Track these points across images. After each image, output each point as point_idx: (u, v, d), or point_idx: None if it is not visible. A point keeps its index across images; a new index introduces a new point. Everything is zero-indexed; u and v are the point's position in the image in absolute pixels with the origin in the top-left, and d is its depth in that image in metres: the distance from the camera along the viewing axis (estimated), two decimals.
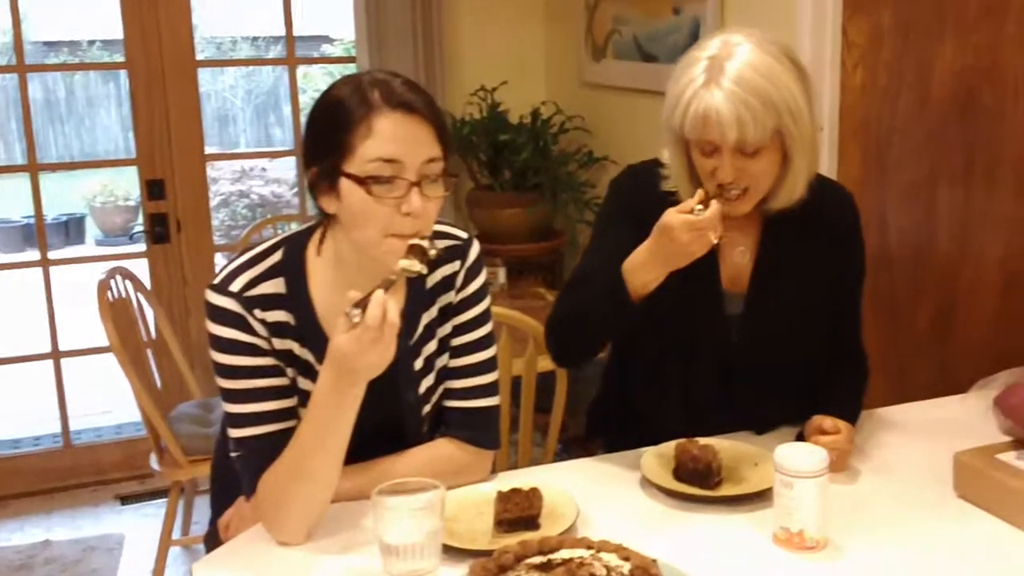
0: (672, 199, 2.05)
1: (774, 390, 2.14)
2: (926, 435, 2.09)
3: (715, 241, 1.85)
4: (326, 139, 1.68)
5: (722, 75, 1.88)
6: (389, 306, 1.56)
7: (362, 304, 1.54)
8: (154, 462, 3.49)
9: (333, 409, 1.64)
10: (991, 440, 1.85)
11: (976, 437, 1.87)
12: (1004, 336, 2.66)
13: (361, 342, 1.55)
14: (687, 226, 1.83)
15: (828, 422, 1.94)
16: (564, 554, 1.49)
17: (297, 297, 1.80)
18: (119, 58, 4.52)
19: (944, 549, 1.66)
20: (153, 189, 4.50)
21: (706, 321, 2.11)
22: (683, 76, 1.95)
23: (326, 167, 1.68)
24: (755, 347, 2.12)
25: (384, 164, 1.64)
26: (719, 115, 1.87)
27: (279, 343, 1.78)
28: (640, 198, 2.14)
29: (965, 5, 2.67)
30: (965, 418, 2.01)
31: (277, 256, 1.81)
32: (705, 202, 1.86)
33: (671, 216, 1.85)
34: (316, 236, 1.82)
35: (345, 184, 1.66)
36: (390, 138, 1.64)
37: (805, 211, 2.08)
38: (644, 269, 1.94)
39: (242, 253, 1.82)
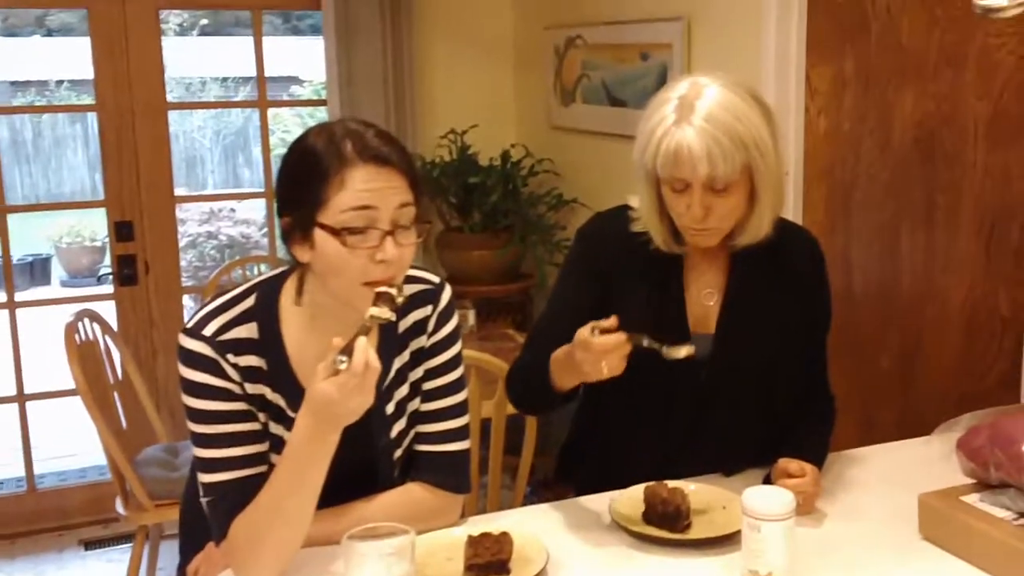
0: (641, 240, 2.10)
1: (743, 432, 2.16)
2: (891, 477, 2.11)
3: (606, 374, 1.85)
4: (299, 190, 1.69)
5: (692, 113, 1.93)
6: (371, 352, 1.58)
7: (347, 351, 1.56)
8: (119, 506, 3.46)
9: (311, 454, 1.64)
10: (955, 482, 1.87)
11: (940, 479, 1.90)
12: (967, 378, 2.70)
13: (346, 388, 1.57)
14: (583, 345, 1.85)
15: (795, 465, 1.96)
16: None
17: (270, 342, 1.80)
18: (87, 98, 4.54)
19: None
20: (121, 230, 4.49)
21: (674, 364, 2.12)
22: (654, 115, 1.99)
23: (300, 217, 1.69)
24: (723, 389, 2.14)
25: (358, 213, 1.65)
26: (691, 151, 1.91)
27: (251, 388, 1.79)
28: (603, 248, 2.19)
29: (925, 54, 2.73)
30: (929, 460, 2.04)
31: (250, 301, 1.81)
32: (609, 330, 1.85)
33: (581, 331, 1.87)
34: (290, 282, 1.83)
35: (319, 235, 1.67)
36: (363, 189, 1.66)
37: (771, 254, 2.12)
38: (562, 370, 1.99)
39: (215, 297, 1.82)
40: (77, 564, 4.23)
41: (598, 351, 1.83)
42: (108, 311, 4.09)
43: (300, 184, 1.70)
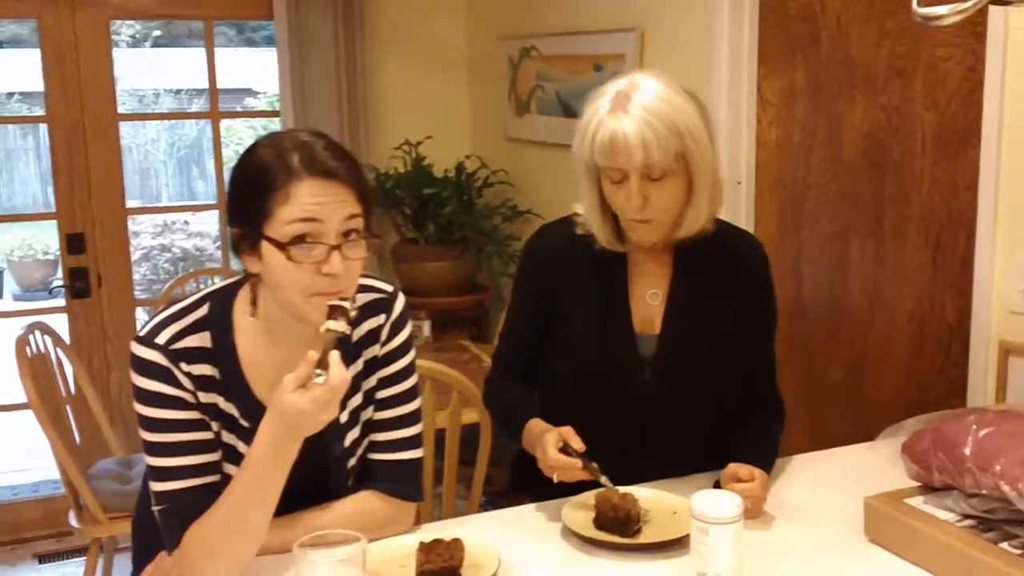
0: (585, 245, 2.16)
1: (691, 429, 2.19)
2: (837, 481, 2.14)
3: (555, 481, 1.97)
4: (247, 202, 1.69)
5: (628, 103, 1.98)
6: (343, 367, 1.61)
7: (322, 364, 1.59)
8: (73, 520, 3.43)
9: (273, 463, 1.65)
10: (900, 485, 1.90)
11: (886, 483, 1.92)
12: (915, 386, 2.74)
13: (319, 402, 1.59)
14: (542, 450, 2.00)
15: (744, 470, 1.98)
16: None
17: (223, 352, 1.80)
18: (39, 110, 4.50)
19: None
20: (73, 243, 4.46)
21: (621, 365, 2.16)
22: (590, 108, 2.05)
23: (248, 229, 1.69)
24: (670, 389, 2.17)
25: (303, 224, 1.65)
26: (625, 137, 1.96)
27: (204, 397, 1.78)
28: (547, 260, 2.24)
29: (874, 66, 2.77)
30: (875, 465, 2.07)
31: (203, 310, 1.81)
32: (568, 451, 1.98)
33: (548, 436, 2.00)
34: (244, 292, 1.83)
35: (266, 247, 1.67)
36: (309, 202, 1.65)
37: (714, 255, 2.17)
38: (527, 442, 2.13)
39: (168, 306, 1.82)
40: None
41: (550, 465, 1.95)
42: (60, 324, 4.05)
43: (248, 196, 1.69)
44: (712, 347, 2.17)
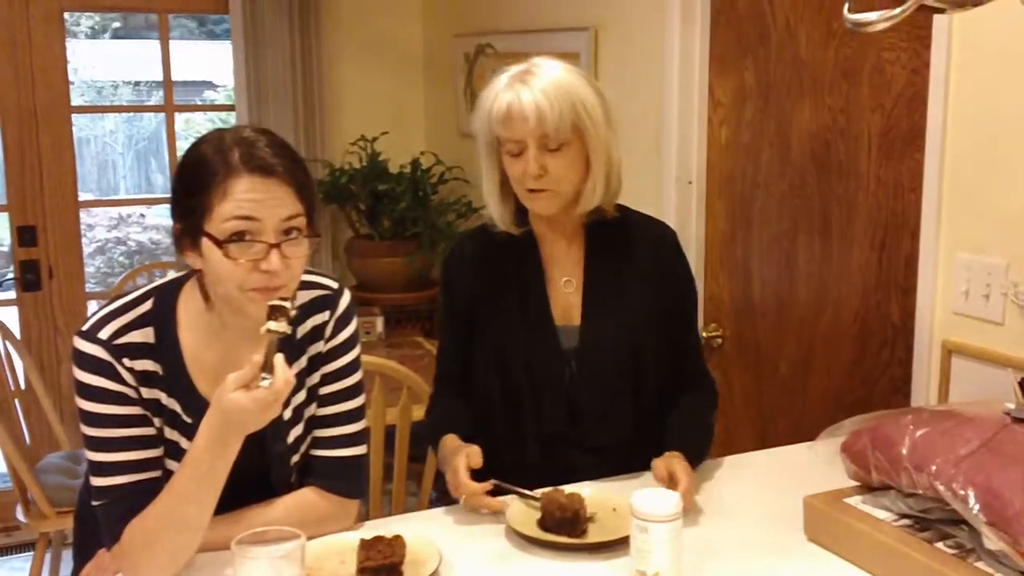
0: (498, 245, 2.23)
1: (618, 418, 2.22)
2: (777, 480, 2.16)
3: (461, 503, 2.00)
4: (187, 198, 1.69)
5: (527, 77, 2.08)
6: (288, 370, 1.62)
7: (267, 368, 1.60)
8: (20, 514, 3.41)
9: (214, 460, 1.65)
10: (839, 485, 1.92)
11: (825, 482, 1.94)
12: (859, 385, 2.76)
13: (263, 403, 1.60)
14: (452, 471, 2.03)
15: (659, 471, 2.01)
16: None
17: (166, 347, 1.79)
18: None
19: None
20: (24, 235, 4.42)
21: (545, 358, 2.18)
22: (489, 86, 2.15)
23: (188, 226, 1.69)
24: (594, 379, 2.19)
25: (240, 222, 1.65)
26: (521, 105, 2.05)
27: (147, 392, 1.78)
28: (462, 268, 2.30)
29: (822, 67, 2.79)
30: (814, 464, 2.08)
31: (147, 305, 1.80)
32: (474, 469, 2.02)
33: (458, 459, 2.02)
34: (189, 288, 1.82)
35: (205, 243, 1.67)
36: (246, 200, 1.65)
37: (625, 240, 2.24)
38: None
39: (112, 301, 1.81)
40: None
41: (453, 485, 1.99)
42: (11, 317, 4.02)
43: (188, 191, 1.69)
44: (633, 334, 2.20)
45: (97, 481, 1.75)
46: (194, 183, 1.68)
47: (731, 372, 3.18)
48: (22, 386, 3.67)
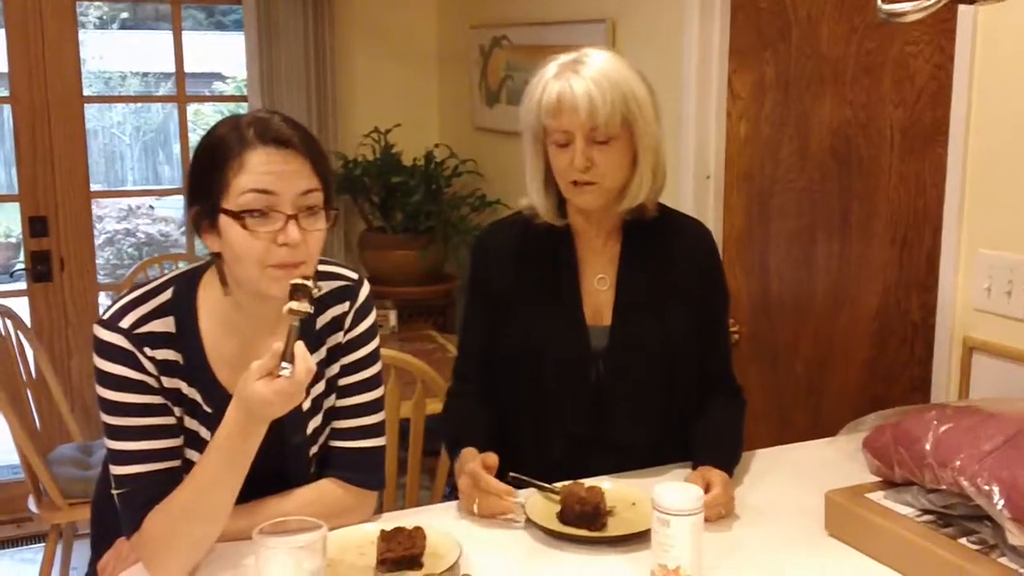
0: (531, 237, 2.19)
1: (644, 420, 2.20)
2: (798, 476, 2.14)
3: (474, 511, 1.94)
4: (205, 178, 1.68)
5: (577, 66, 2.05)
6: (309, 358, 1.60)
7: (287, 357, 1.57)
8: (32, 505, 3.40)
9: (236, 450, 1.64)
10: (860, 481, 1.91)
11: (846, 478, 1.93)
12: (879, 383, 2.75)
13: (284, 394, 1.59)
14: (469, 475, 1.97)
15: (699, 482, 1.92)
16: None
17: (186, 337, 1.78)
18: (3, 92, 4.45)
19: None
20: (36, 226, 4.42)
21: (574, 359, 2.16)
22: (537, 75, 2.11)
23: (206, 206, 1.68)
24: (621, 381, 2.17)
25: (257, 196, 1.64)
26: (573, 95, 2.01)
27: (168, 381, 1.77)
28: (493, 259, 2.25)
29: (843, 62, 2.77)
30: (835, 460, 2.08)
31: (167, 295, 1.79)
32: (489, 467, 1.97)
33: (473, 465, 1.97)
34: (208, 277, 1.81)
35: (224, 221, 1.66)
36: (262, 171, 1.65)
37: (660, 240, 2.20)
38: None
39: (132, 290, 1.80)
40: None
41: (468, 489, 1.95)
42: (22, 308, 4.01)
43: (205, 172, 1.69)
44: (664, 337, 2.17)
45: (116, 470, 1.74)
46: (210, 162, 1.67)
47: (747, 369, 3.16)
48: (34, 376, 3.66)
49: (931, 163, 2.53)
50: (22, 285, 4.51)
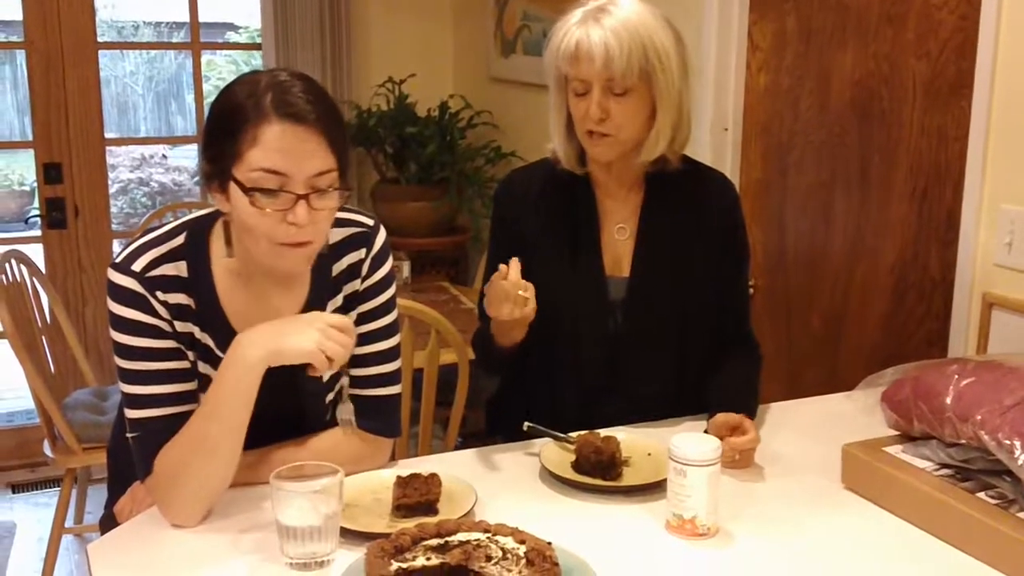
0: (554, 185, 2.19)
1: (659, 372, 2.19)
2: (814, 430, 2.13)
3: (506, 316, 1.94)
4: (218, 140, 1.66)
5: (600, 15, 2.02)
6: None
7: None
8: (47, 449, 3.42)
9: (238, 377, 1.67)
10: (878, 434, 1.90)
11: (863, 431, 1.92)
12: (894, 339, 2.73)
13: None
14: (489, 288, 1.95)
15: (735, 419, 1.94)
16: (461, 537, 1.50)
17: (199, 282, 1.77)
18: (17, 38, 4.42)
19: (830, 537, 1.70)
20: (50, 173, 4.41)
21: (591, 309, 2.15)
22: (562, 19, 2.08)
23: (217, 168, 1.66)
24: (638, 332, 2.17)
25: (268, 175, 1.61)
26: (590, 44, 1.99)
27: (180, 326, 1.76)
28: (514, 206, 2.24)
29: (867, 12, 2.73)
30: (853, 413, 2.06)
31: (180, 240, 1.78)
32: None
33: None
34: (220, 225, 1.80)
35: (234, 188, 1.64)
36: (275, 149, 1.61)
37: (685, 193, 2.17)
38: (494, 327, 2.09)
39: (144, 233, 1.79)
40: (4, 507, 4.19)
41: (491, 291, 1.93)
42: (36, 254, 4.01)
43: (219, 133, 1.66)
44: (682, 290, 2.16)
45: (131, 413, 1.74)
46: (225, 126, 1.64)
47: (761, 323, 3.14)
48: (48, 322, 3.66)
49: (954, 116, 2.50)
50: (37, 232, 4.50)
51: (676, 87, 2.05)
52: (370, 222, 1.93)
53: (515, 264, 1.93)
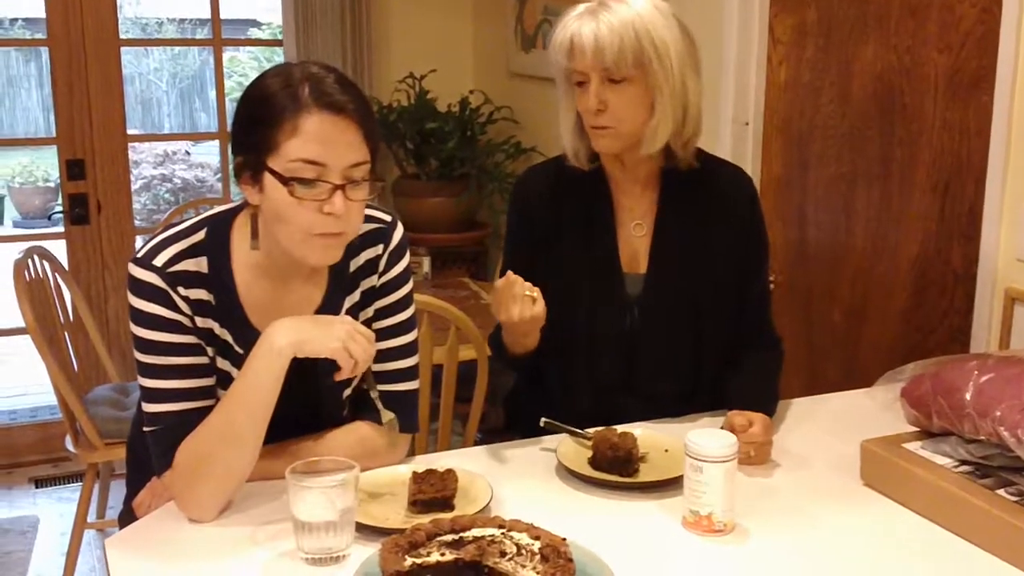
0: (570, 182, 2.18)
1: (676, 369, 2.19)
2: (833, 426, 2.12)
3: (516, 318, 1.94)
4: (253, 131, 1.66)
5: (599, 9, 2.03)
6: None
7: None
8: (69, 445, 3.44)
9: (263, 368, 1.68)
10: (897, 431, 1.88)
11: (882, 428, 1.91)
12: (915, 333, 2.72)
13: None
14: (495, 293, 1.95)
15: (738, 419, 1.95)
16: (476, 532, 1.49)
17: (219, 278, 1.78)
18: (42, 36, 4.45)
19: (848, 533, 1.69)
20: (73, 169, 4.43)
21: (607, 306, 2.15)
22: (564, 15, 2.09)
23: (251, 159, 1.67)
24: (655, 329, 2.16)
25: (307, 166, 1.63)
26: (581, 36, 2.01)
27: (201, 321, 1.77)
28: (531, 203, 2.23)
29: (888, 5, 2.72)
30: (872, 409, 2.05)
31: (200, 235, 1.78)
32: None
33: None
34: (241, 220, 1.80)
35: (269, 179, 1.65)
36: (315, 139, 1.63)
37: (700, 187, 2.16)
38: (508, 337, 2.10)
39: (165, 228, 1.80)
40: (28, 502, 4.21)
41: (497, 295, 1.94)
42: (59, 251, 4.04)
43: (253, 124, 1.66)
44: (699, 287, 2.15)
45: (149, 408, 1.75)
46: (260, 116, 1.65)
47: (781, 318, 3.10)
48: (71, 318, 3.68)
49: (976, 110, 2.48)
50: (60, 228, 4.53)
51: (677, 80, 2.05)
52: (387, 218, 1.93)
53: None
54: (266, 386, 1.68)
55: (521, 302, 1.92)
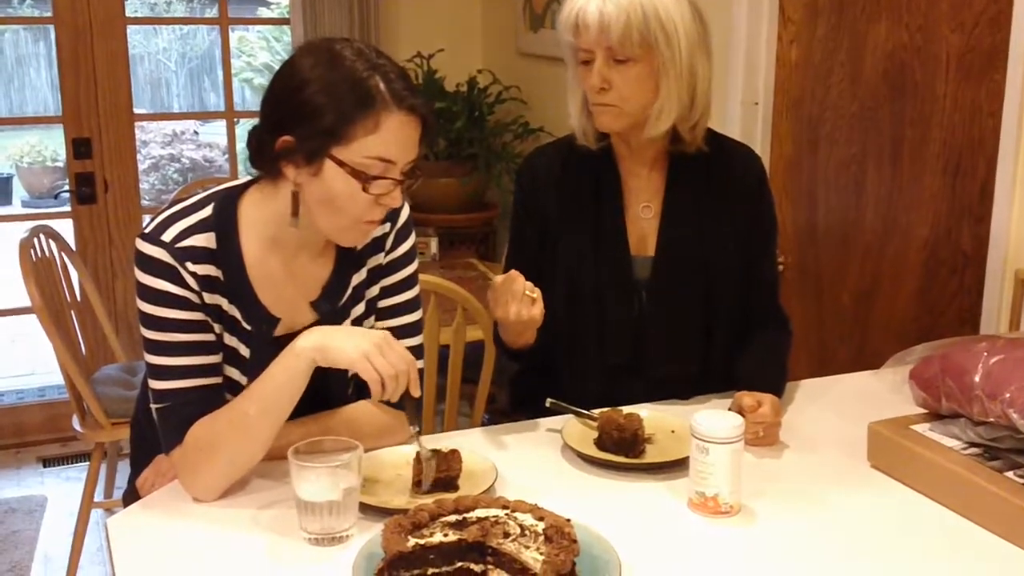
0: (576, 163, 2.16)
1: (685, 351, 2.17)
2: (841, 407, 2.11)
3: (512, 317, 1.91)
4: (316, 114, 1.64)
5: None
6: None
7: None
8: (76, 424, 3.44)
9: (289, 368, 1.69)
10: (905, 412, 1.87)
11: (890, 409, 1.89)
12: (926, 315, 2.70)
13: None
14: (494, 290, 1.93)
15: (747, 400, 1.93)
16: (479, 513, 1.49)
17: (227, 254, 1.76)
18: (47, 13, 4.43)
19: (854, 515, 1.68)
20: (79, 148, 4.41)
21: (616, 289, 2.13)
22: None
23: (312, 143, 1.65)
24: (664, 312, 2.14)
25: (378, 162, 1.65)
26: (587, 13, 1.98)
27: (209, 298, 1.75)
28: (537, 185, 2.21)
29: None
30: (880, 391, 2.04)
31: (207, 211, 1.77)
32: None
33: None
34: (249, 195, 1.79)
35: (330, 167, 1.65)
36: (393, 139, 1.65)
37: (710, 169, 2.14)
38: (504, 333, 2.09)
39: (172, 204, 1.79)
40: (35, 481, 4.22)
41: (496, 292, 1.92)
42: (67, 229, 4.03)
43: (318, 108, 1.64)
44: (708, 269, 2.14)
45: (156, 384, 1.74)
46: (330, 101, 1.64)
47: (791, 300, 3.11)
48: (78, 298, 3.68)
49: (988, 90, 2.46)
50: (67, 208, 4.52)
51: (685, 64, 2.02)
52: None
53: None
54: (280, 384, 1.68)
55: (520, 301, 1.90)
